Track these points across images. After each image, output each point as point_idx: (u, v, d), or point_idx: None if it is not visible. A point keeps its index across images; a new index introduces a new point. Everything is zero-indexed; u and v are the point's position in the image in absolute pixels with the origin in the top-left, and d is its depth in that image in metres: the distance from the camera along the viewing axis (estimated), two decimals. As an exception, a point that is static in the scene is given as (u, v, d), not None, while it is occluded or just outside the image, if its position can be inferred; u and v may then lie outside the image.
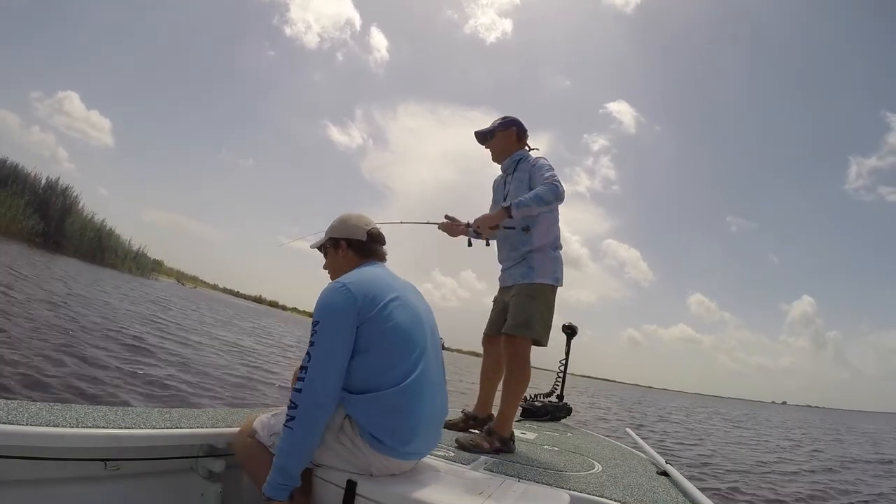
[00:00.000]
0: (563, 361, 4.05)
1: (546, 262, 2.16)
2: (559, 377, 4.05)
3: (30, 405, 1.18)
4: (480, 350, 2.39)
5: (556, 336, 4.06)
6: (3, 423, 1.03)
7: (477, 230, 2.20)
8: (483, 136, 2.38)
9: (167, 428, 1.32)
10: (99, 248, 33.10)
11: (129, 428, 1.24)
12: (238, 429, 1.46)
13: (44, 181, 30.77)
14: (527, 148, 2.36)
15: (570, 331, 4.00)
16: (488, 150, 2.40)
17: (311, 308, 1.28)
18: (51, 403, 1.25)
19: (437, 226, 2.29)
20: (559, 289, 2.21)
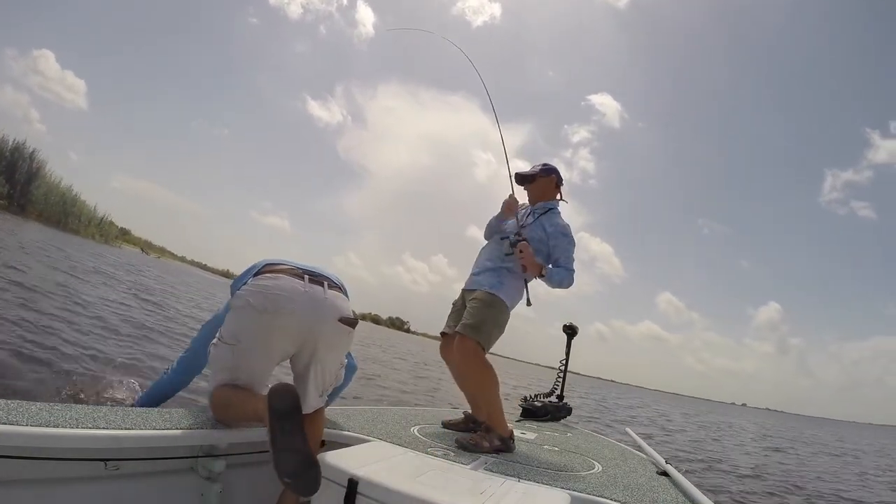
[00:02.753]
0: (564, 361, 4.05)
1: (514, 286, 2.25)
2: (559, 377, 4.05)
3: (30, 405, 1.18)
4: None
5: (557, 336, 4.06)
6: (3, 424, 1.03)
7: (518, 253, 2.22)
8: (523, 179, 2.48)
9: (167, 428, 1.32)
10: (63, 213, 32.77)
11: (129, 428, 1.23)
12: (238, 430, 1.47)
13: (11, 143, 30.37)
14: (558, 197, 2.50)
15: (570, 331, 4.00)
16: (525, 190, 2.50)
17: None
18: (51, 404, 1.25)
19: (511, 193, 2.38)
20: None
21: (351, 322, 1.55)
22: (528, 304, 2.26)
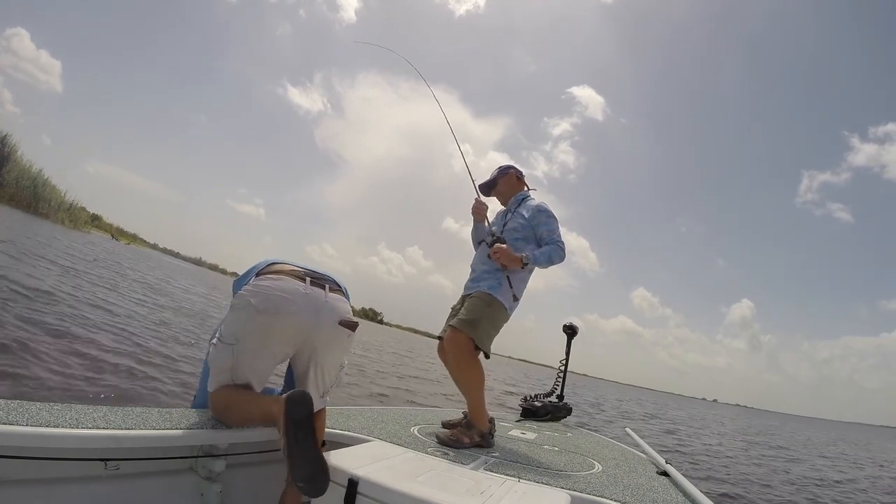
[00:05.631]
0: (564, 361, 4.05)
1: (508, 289, 2.26)
2: (559, 377, 4.04)
3: (30, 405, 1.18)
4: (420, 327, 2.46)
5: (557, 336, 4.04)
6: (3, 424, 1.03)
7: (494, 253, 2.26)
8: (488, 187, 2.56)
9: (167, 428, 1.32)
10: (34, 198, 32.74)
11: (129, 428, 1.24)
12: (238, 430, 1.47)
13: (-19, 127, 30.30)
14: (526, 188, 2.58)
15: (570, 330, 3.99)
16: (494, 197, 2.58)
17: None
18: (51, 403, 1.25)
19: (475, 197, 2.46)
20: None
21: (351, 325, 1.55)
22: (515, 298, 2.28)
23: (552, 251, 2.26)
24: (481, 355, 2.19)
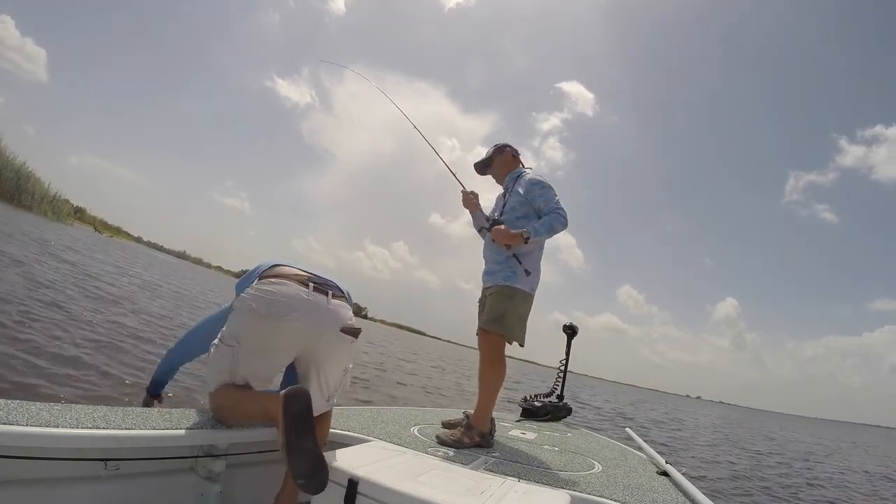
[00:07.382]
0: (564, 361, 4.05)
1: (522, 271, 2.26)
2: (559, 377, 4.04)
3: (30, 405, 1.18)
4: (405, 322, 2.46)
5: (557, 336, 4.05)
6: (3, 424, 1.04)
7: (493, 238, 2.29)
8: (483, 166, 2.59)
9: (167, 428, 1.32)
10: (16, 189, 32.43)
11: (129, 428, 1.24)
12: (238, 430, 1.47)
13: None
14: (521, 165, 2.58)
15: (570, 331, 3.99)
16: (491, 176, 2.60)
17: (235, 268, 1.36)
18: (51, 403, 1.25)
19: (461, 190, 2.51)
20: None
21: (353, 332, 1.54)
22: (527, 273, 2.26)
23: (552, 219, 2.25)
24: (515, 344, 2.23)
